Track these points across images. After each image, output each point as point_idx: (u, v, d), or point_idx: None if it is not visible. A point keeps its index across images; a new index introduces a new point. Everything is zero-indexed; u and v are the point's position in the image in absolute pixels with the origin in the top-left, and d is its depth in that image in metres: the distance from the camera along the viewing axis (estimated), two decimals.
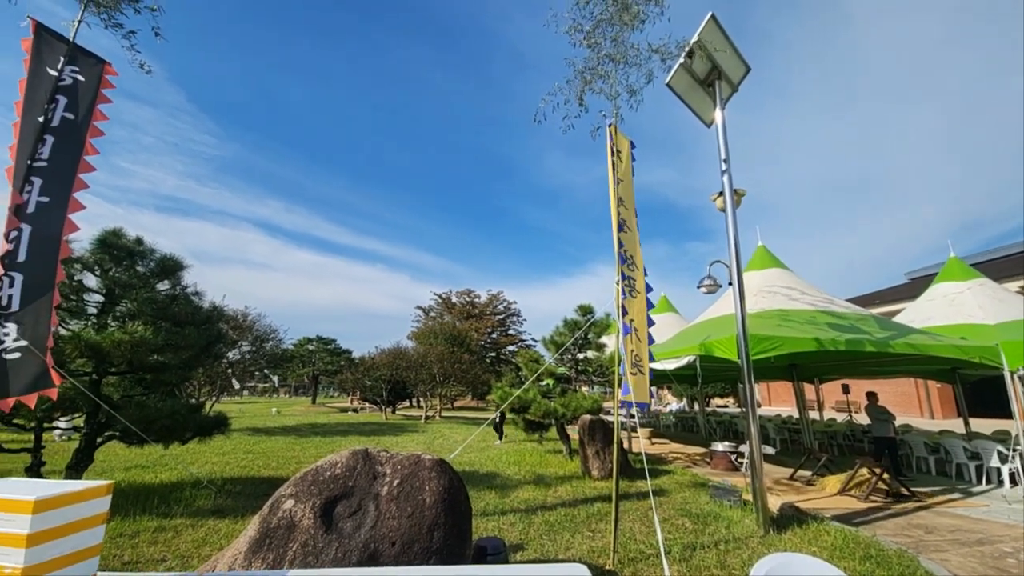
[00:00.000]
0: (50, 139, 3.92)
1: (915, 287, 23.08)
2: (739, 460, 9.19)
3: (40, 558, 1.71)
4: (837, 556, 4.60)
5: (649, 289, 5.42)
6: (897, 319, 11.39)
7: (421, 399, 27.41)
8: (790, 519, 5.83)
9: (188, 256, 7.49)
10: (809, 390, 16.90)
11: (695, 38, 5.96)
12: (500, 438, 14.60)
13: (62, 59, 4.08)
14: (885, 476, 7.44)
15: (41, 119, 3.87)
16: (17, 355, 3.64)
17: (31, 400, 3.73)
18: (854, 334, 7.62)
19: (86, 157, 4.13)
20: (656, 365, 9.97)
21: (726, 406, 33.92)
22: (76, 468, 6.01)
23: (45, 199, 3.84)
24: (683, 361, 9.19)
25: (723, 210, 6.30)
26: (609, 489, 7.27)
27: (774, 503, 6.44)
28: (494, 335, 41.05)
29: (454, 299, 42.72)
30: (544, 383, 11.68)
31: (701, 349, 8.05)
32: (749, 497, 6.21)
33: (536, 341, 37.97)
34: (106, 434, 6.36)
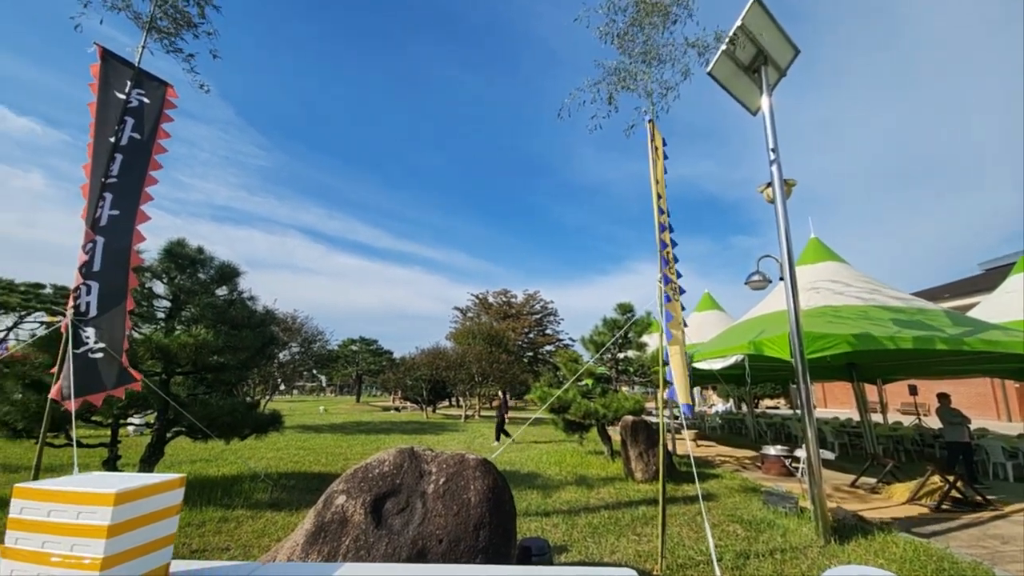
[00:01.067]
0: (119, 157, 4.21)
1: (991, 278, 21.13)
2: (794, 465, 8.72)
3: (119, 548, 1.81)
4: (907, 569, 4.28)
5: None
6: (971, 314, 10.46)
7: (460, 399, 27.80)
8: (853, 528, 5.47)
9: (240, 262, 7.96)
10: (871, 391, 15.78)
11: (738, 22, 5.69)
12: (498, 439, 13.94)
13: (128, 83, 4.36)
14: (959, 484, 6.85)
15: (112, 139, 4.16)
16: (100, 355, 3.97)
17: (120, 392, 4.09)
18: (923, 331, 7.05)
19: (151, 172, 4.43)
20: (701, 365, 9.62)
21: (776, 407, 32.30)
22: (148, 462, 6.49)
23: (116, 212, 4.13)
24: (730, 360, 8.81)
25: (772, 202, 5.98)
26: (653, 492, 7.08)
27: (835, 511, 6.06)
28: (531, 335, 40.94)
29: (491, 299, 42.94)
30: (584, 383, 11.54)
31: (750, 348, 7.70)
32: (806, 504, 5.88)
33: (574, 341, 37.64)
34: (174, 430, 6.83)
